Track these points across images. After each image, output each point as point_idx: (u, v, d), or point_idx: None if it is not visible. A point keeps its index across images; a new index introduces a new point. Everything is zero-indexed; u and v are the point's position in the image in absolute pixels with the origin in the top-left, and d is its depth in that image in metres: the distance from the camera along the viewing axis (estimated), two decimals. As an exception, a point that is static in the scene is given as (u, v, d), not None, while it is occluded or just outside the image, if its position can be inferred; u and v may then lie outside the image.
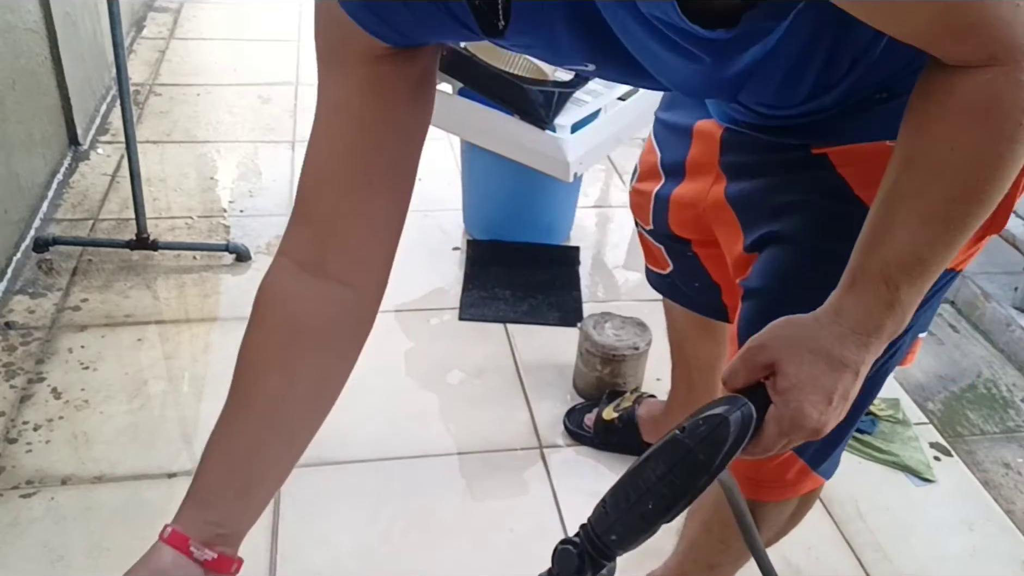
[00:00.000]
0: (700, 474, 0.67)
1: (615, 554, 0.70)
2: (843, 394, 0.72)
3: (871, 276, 0.71)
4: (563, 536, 0.72)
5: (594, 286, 2.18)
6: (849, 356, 0.72)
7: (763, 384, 0.74)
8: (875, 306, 0.71)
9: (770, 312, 0.79)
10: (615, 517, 0.69)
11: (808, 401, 0.72)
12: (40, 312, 1.93)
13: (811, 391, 0.72)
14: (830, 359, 0.72)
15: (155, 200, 2.33)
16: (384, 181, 0.79)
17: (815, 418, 0.72)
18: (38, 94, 2.26)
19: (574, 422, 1.72)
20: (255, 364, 0.77)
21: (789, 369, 0.72)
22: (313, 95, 0.79)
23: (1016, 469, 1.75)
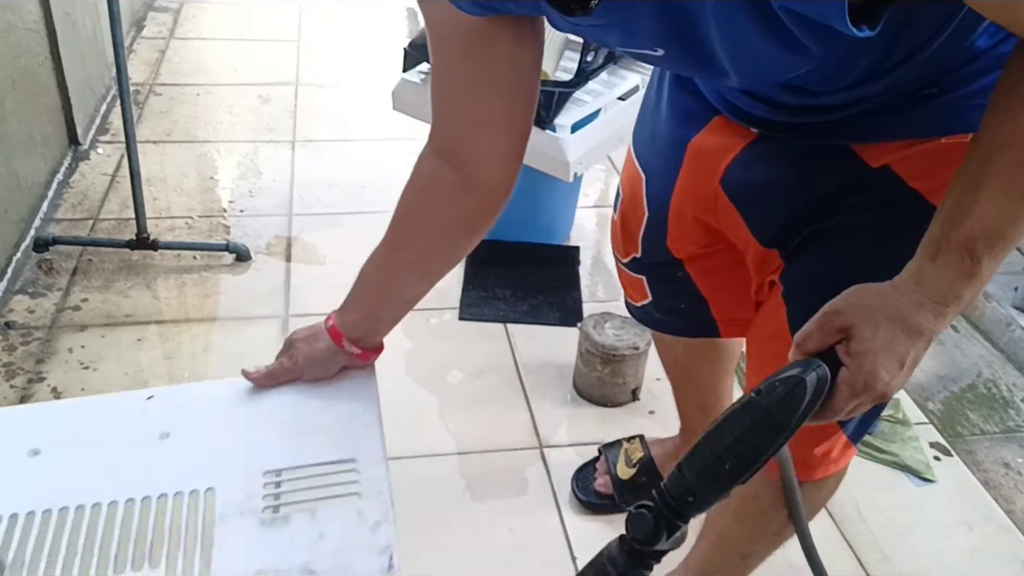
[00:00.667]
0: (777, 434, 0.70)
1: (690, 515, 0.72)
2: (914, 360, 0.75)
3: (955, 247, 0.73)
4: (563, 536, 0.72)
5: (594, 286, 2.18)
6: (925, 324, 0.75)
7: (834, 349, 0.76)
8: (956, 276, 0.73)
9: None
10: (691, 479, 0.71)
11: (882, 365, 0.74)
12: (40, 312, 1.93)
13: (885, 355, 0.74)
14: (907, 325, 0.74)
15: (155, 200, 2.33)
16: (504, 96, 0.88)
17: (886, 381, 0.74)
18: (38, 94, 2.26)
19: (585, 491, 1.57)
20: (395, 217, 0.97)
21: (865, 333, 0.74)
22: (313, 95, 0.80)
23: (1016, 469, 1.75)
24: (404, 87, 2.02)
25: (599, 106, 1.95)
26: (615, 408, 1.79)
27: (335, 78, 3.08)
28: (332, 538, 0.79)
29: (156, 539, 0.77)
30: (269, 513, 0.81)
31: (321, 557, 0.76)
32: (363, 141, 2.69)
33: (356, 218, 2.29)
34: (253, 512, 0.81)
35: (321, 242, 2.21)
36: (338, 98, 2.93)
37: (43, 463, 0.84)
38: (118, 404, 0.94)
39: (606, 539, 1.37)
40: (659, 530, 0.72)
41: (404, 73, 2.02)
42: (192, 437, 0.88)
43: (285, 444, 0.88)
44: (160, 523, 0.79)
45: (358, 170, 2.54)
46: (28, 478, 0.82)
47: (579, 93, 1.94)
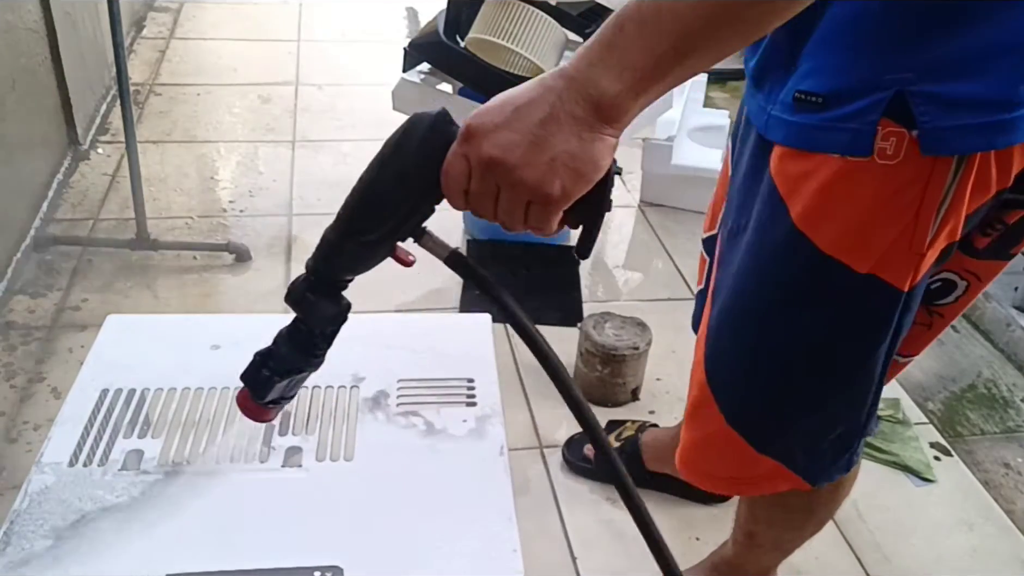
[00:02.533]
0: (384, 166, 0.71)
1: (331, 272, 0.76)
2: (517, 108, 0.65)
3: (610, 20, 0.65)
4: (563, 536, 0.73)
5: (594, 286, 2.18)
6: (545, 79, 0.66)
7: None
8: (596, 44, 0.65)
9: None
10: (327, 233, 0.75)
11: (487, 105, 0.67)
12: (40, 312, 1.93)
13: (496, 98, 0.67)
14: (530, 81, 0.67)
15: (155, 200, 2.33)
16: None
17: (483, 118, 0.66)
18: (38, 94, 2.26)
19: (574, 454, 1.65)
20: None
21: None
22: (313, 95, 0.80)
23: (1016, 469, 1.75)
24: (404, 87, 2.02)
25: (599, 106, 1.94)
26: (615, 408, 1.79)
27: (335, 78, 3.08)
28: (453, 428, 0.97)
29: (312, 417, 0.96)
30: (402, 408, 0.99)
31: (442, 441, 0.94)
32: (363, 141, 2.69)
33: (356, 218, 2.29)
34: (389, 406, 0.99)
35: (321, 242, 2.21)
36: (338, 98, 2.93)
37: (222, 355, 1.04)
38: (280, 322, 1.08)
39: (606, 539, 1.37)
40: (309, 296, 0.76)
41: (404, 73, 2.02)
42: (344, 348, 0.97)
43: (415, 361, 1.06)
44: (316, 405, 0.98)
45: (358, 170, 2.50)
46: (210, 363, 1.03)
47: (579, 93, 1.94)
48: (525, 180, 0.65)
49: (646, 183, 2.47)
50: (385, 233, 0.73)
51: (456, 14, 1.99)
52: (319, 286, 0.76)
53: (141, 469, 0.88)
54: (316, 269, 0.75)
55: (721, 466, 1.10)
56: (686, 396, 1.58)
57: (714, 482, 1.15)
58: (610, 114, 0.65)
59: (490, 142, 0.65)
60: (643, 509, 0.72)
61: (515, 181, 0.65)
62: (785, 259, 0.90)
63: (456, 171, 0.67)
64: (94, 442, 0.91)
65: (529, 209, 0.67)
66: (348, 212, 0.73)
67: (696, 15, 0.62)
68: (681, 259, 2.26)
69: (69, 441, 0.90)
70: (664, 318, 2.01)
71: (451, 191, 0.69)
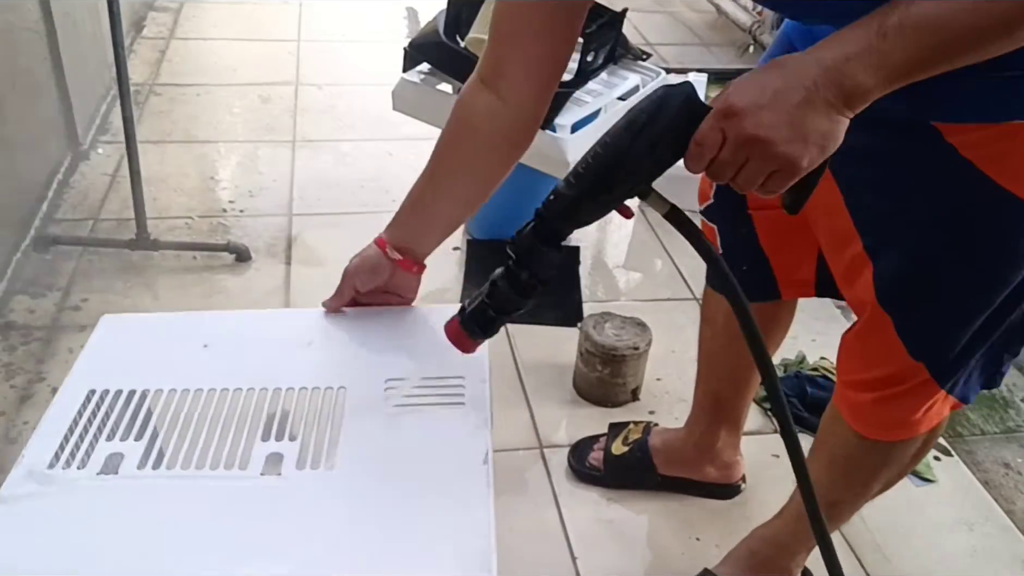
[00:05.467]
0: (633, 136, 0.78)
1: (563, 227, 0.85)
2: (776, 91, 0.74)
3: (869, 17, 0.73)
4: (563, 536, 0.74)
5: (594, 286, 2.18)
6: (799, 65, 0.74)
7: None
8: (856, 38, 0.73)
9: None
10: (562, 186, 0.83)
11: (742, 88, 0.75)
12: (40, 312, 1.93)
13: (751, 80, 0.76)
14: (777, 63, 0.76)
15: (155, 200, 2.33)
16: (549, 38, 0.97)
17: (745, 98, 0.74)
18: (38, 94, 2.26)
19: (579, 461, 1.63)
20: (437, 144, 1.04)
21: (747, 72, 0.77)
22: (313, 95, 0.81)
23: (1016, 469, 1.75)
24: (404, 87, 2.02)
25: (599, 106, 1.95)
26: (615, 408, 1.79)
27: (335, 78, 3.08)
28: (439, 434, 0.94)
29: (296, 420, 0.95)
30: (389, 409, 0.97)
31: (428, 447, 0.92)
32: (363, 141, 2.69)
33: (356, 218, 2.29)
34: (376, 408, 0.97)
35: (321, 242, 2.21)
36: (338, 98, 2.93)
37: (211, 354, 1.03)
38: (273, 318, 1.19)
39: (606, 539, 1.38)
40: (536, 236, 0.85)
41: (404, 73, 2.02)
42: (330, 347, 1.07)
43: (404, 359, 1.04)
44: (300, 409, 0.96)
45: (358, 170, 2.54)
46: (200, 364, 1.01)
47: (579, 93, 1.94)
48: (780, 155, 0.74)
49: (646, 183, 2.47)
50: (623, 194, 0.81)
51: (456, 14, 1.99)
52: (550, 237, 0.85)
53: (120, 474, 0.86)
54: (549, 223, 0.84)
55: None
56: (690, 396, 1.59)
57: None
58: (857, 103, 0.74)
59: (753, 121, 0.73)
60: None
61: (770, 155, 0.74)
62: (997, 220, 0.94)
63: (710, 142, 0.76)
64: (75, 445, 0.90)
65: (770, 177, 0.76)
66: (592, 175, 0.80)
67: (963, 25, 0.70)
68: (681, 259, 2.26)
69: (51, 443, 0.90)
70: (664, 318, 2.01)
71: (697, 159, 0.77)
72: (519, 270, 0.87)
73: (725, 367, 1.45)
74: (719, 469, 1.58)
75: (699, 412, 1.54)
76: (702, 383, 1.51)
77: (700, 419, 1.54)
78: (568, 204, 0.82)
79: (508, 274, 0.88)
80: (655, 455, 1.59)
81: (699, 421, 1.54)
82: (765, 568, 1.38)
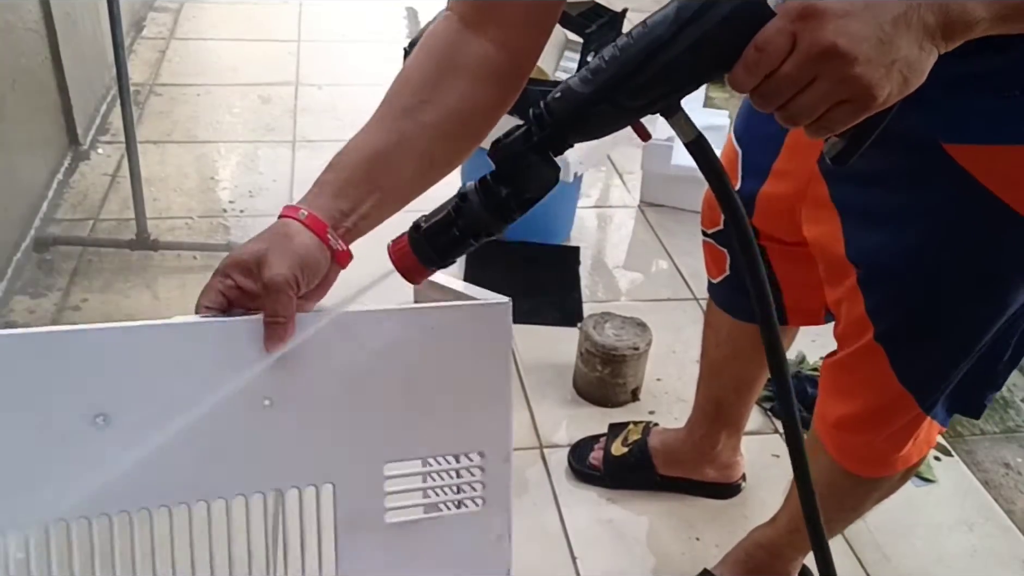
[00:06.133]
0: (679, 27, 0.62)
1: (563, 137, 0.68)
2: (876, 2, 0.60)
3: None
4: (563, 536, 0.72)
5: (594, 286, 2.18)
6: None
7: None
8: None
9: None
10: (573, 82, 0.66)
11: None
12: (40, 312, 1.93)
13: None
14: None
15: (155, 200, 2.33)
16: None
17: (825, 3, 0.59)
18: (38, 94, 2.26)
19: (580, 461, 1.63)
20: (407, 82, 0.82)
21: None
22: (313, 95, 0.80)
23: (1016, 469, 1.75)
24: (404, 87, 2.01)
25: (599, 106, 1.94)
26: (615, 408, 1.79)
27: (335, 78, 3.08)
28: (455, 551, 0.75)
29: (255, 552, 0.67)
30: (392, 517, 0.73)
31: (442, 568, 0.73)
32: (363, 141, 2.68)
33: (356, 218, 2.29)
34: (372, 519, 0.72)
35: (321, 242, 2.21)
36: (338, 98, 2.93)
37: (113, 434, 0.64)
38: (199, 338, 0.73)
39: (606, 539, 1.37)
40: (527, 142, 0.67)
41: (404, 73, 2.02)
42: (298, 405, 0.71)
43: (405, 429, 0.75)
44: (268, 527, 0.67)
45: (358, 170, 2.54)
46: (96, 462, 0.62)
47: (579, 93, 1.94)
48: (860, 77, 0.59)
49: (646, 183, 2.47)
50: (649, 102, 0.65)
51: (456, 14, 1.98)
52: (544, 146, 0.68)
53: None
54: (550, 125, 0.66)
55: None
56: (689, 396, 1.59)
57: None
58: (955, 35, 0.62)
59: (836, 27, 0.59)
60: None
61: (848, 76, 0.59)
62: (1007, 245, 0.90)
63: (775, 48, 0.60)
64: None
65: (835, 107, 0.61)
66: (616, 72, 0.64)
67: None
68: (681, 259, 2.26)
69: None
70: (664, 318, 2.01)
71: (753, 70, 0.61)
72: (498, 184, 0.70)
73: (729, 375, 1.45)
74: (719, 469, 1.58)
75: (700, 415, 1.53)
76: (704, 388, 1.50)
77: (701, 422, 1.53)
78: (578, 105, 0.65)
79: (483, 187, 0.70)
80: (655, 456, 1.59)
81: (700, 424, 1.54)
82: (762, 571, 1.38)
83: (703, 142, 0.66)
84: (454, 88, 0.80)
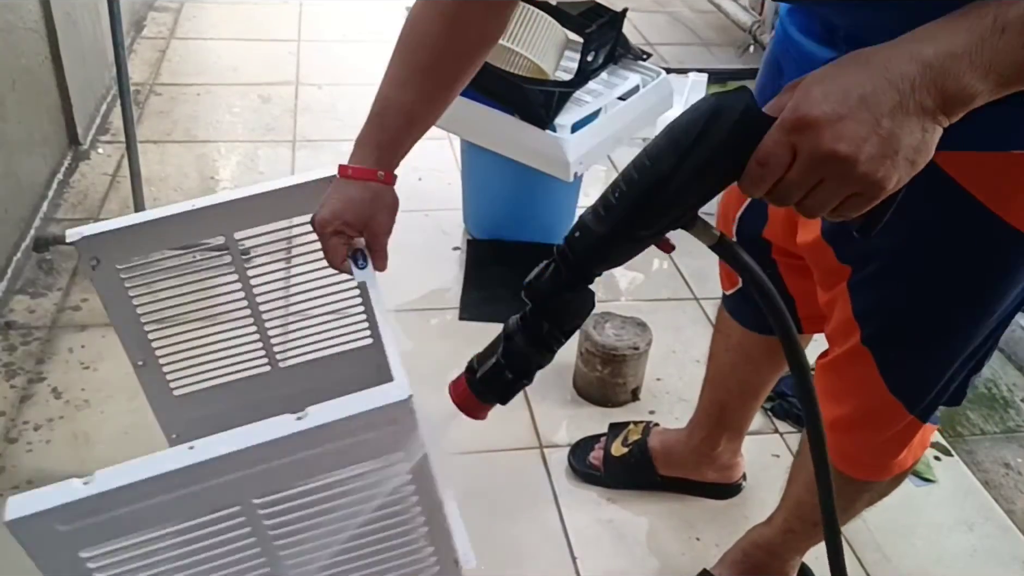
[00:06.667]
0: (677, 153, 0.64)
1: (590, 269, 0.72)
2: (862, 96, 0.59)
3: (981, 7, 0.60)
4: (563, 536, 0.73)
5: (594, 286, 2.17)
6: (891, 61, 0.60)
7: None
8: (962, 28, 0.60)
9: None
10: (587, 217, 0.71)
11: (813, 90, 0.61)
12: (40, 312, 1.93)
13: (831, 81, 0.61)
14: (858, 58, 0.62)
15: (155, 200, 2.33)
16: None
17: (823, 107, 0.59)
18: (38, 94, 2.26)
19: (580, 461, 1.64)
20: (421, 38, 0.96)
21: (816, 70, 0.63)
22: (313, 95, 0.80)
23: (1016, 469, 1.75)
24: (404, 87, 2.01)
25: (599, 106, 1.95)
26: (615, 408, 1.79)
27: (335, 78, 3.08)
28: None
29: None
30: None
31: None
32: (363, 141, 2.68)
33: (356, 218, 2.29)
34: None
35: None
36: (338, 98, 2.93)
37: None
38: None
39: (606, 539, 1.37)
40: (557, 281, 0.72)
41: (404, 73, 2.02)
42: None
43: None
44: None
45: (358, 170, 2.53)
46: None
47: (579, 93, 1.94)
48: (865, 175, 0.60)
49: (646, 183, 2.47)
50: (666, 226, 0.68)
51: (456, 14, 1.98)
52: (574, 282, 0.72)
53: None
54: (574, 264, 0.71)
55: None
56: (690, 396, 1.59)
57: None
58: (958, 109, 0.62)
59: (834, 134, 0.59)
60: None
61: (851, 176, 0.60)
62: (991, 250, 0.90)
63: (777, 162, 0.62)
64: None
65: (847, 200, 0.63)
66: (627, 209, 0.67)
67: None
68: (681, 259, 2.26)
69: None
70: (664, 318, 2.01)
71: (758, 182, 0.63)
72: (539, 321, 0.73)
73: (736, 381, 1.44)
74: (719, 470, 1.58)
75: (703, 418, 1.53)
76: (709, 391, 1.50)
77: (703, 424, 1.53)
78: (597, 242, 0.69)
79: (525, 325, 0.74)
80: (655, 456, 1.59)
81: (702, 426, 1.53)
82: (760, 571, 1.38)
83: (726, 242, 0.69)
84: (464, 35, 0.95)
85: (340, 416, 0.77)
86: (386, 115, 0.99)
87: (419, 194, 2.40)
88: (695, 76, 2.75)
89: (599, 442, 1.65)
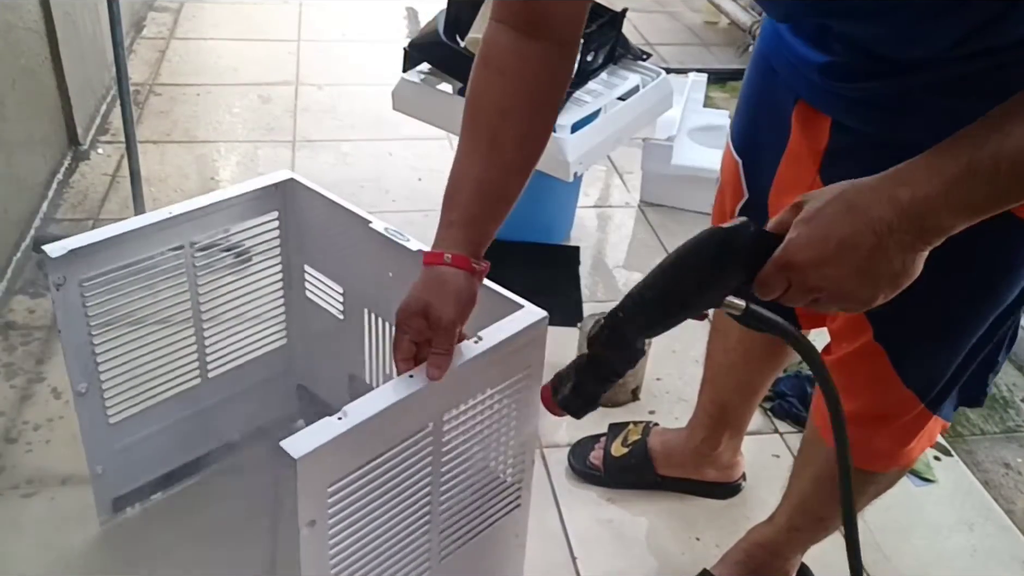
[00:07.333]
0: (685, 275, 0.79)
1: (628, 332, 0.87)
2: (842, 240, 0.69)
3: (952, 152, 0.68)
4: (563, 536, 0.75)
5: (594, 286, 2.18)
6: (873, 207, 0.69)
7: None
8: (937, 175, 0.67)
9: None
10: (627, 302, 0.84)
11: (809, 238, 0.71)
12: (40, 312, 1.93)
13: (815, 226, 0.71)
14: (850, 205, 0.70)
15: (155, 200, 2.33)
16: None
17: (806, 254, 0.71)
18: (38, 94, 2.26)
19: (579, 461, 1.64)
20: (488, 105, 0.94)
21: (810, 205, 0.73)
22: (313, 95, 0.80)
23: (1016, 469, 1.75)
24: (404, 87, 2.02)
25: (599, 106, 1.95)
26: (615, 408, 1.79)
27: (335, 78, 3.08)
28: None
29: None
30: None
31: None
32: (363, 141, 2.69)
33: (356, 218, 2.29)
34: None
35: (321, 242, 2.21)
36: (338, 98, 2.93)
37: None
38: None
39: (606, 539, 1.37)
40: (603, 334, 0.87)
41: (404, 73, 2.02)
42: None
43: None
44: None
45: (358, 170, 2.54)
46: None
47: (579, 93, 1.94)
48: (852, 299, 0.72)
49: (646, 183, 2.47)
50: (686, 317, 0.82)
51: (456, 14, 1.99)
52: (623, 347, 0.90)
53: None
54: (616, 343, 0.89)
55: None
56: (690, 396, 1.59)
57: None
58: (935, 240, 0.70)
59: (817, 275, 0.71)
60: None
61: (840, 298, 0.73)
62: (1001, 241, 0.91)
63: (775, 287, 0.74)
64: None
65: (844, 309, 0.76)
66: (650, 311, 0.83)
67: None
68: (681, 259, 2.25)
69: None
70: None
71: (766, 296, 0.76)
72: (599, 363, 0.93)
73: (735, 379, 1.44)
74: (719, 469, 1.58)
75: (703, 417, 1.53)
76: (709, 391, 1.50)
77: (703, 424, 1.53)
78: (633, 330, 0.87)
79: (590, 366, 0.94)
80: (655, 456, 1.59)
81: (702, 426, 1.53)
82: (761, 570, 1.38)
83: (755, 313, 0.78)
84: (528, 101, 0.93)
85: (508, 335, 1.04)
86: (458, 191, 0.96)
87: (419, 194, 2.40)
88: (695, 76, 2.76)
89: (599, 442, 1.65)
